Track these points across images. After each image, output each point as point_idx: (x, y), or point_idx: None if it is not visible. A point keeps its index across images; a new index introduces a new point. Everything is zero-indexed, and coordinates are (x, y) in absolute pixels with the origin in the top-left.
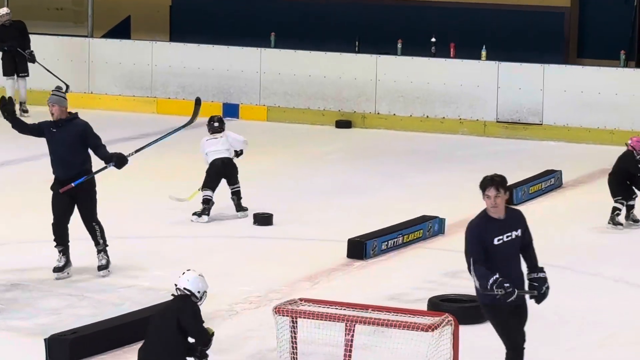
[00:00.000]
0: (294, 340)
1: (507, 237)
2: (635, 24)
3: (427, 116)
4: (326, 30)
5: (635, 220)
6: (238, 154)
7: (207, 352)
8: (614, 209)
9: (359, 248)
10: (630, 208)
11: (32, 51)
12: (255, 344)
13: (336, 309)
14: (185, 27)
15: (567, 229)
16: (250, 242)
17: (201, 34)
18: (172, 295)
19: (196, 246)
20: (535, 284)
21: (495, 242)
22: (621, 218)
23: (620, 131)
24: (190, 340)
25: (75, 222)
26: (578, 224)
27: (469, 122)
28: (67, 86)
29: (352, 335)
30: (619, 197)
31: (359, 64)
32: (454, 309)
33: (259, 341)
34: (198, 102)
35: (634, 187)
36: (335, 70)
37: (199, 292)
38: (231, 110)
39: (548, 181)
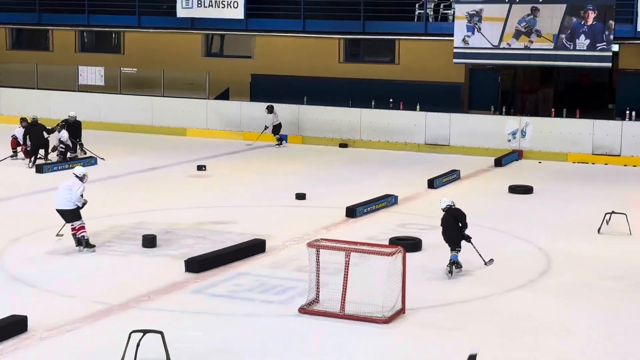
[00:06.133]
0: (317, 261)
1: None
2: (499, 87)
3: None
4: None
5: None
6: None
7: None
8: None
9: (353, 211)
10: None
11: None
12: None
13: (339, 244)
14: None
15: None
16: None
17: None
18: None
19: None
20: None
21: None
22: None
23: None
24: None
25: None
26: None
27: None
28: None
29: (349, 258)
30: None
31: None
32: (403, 244)
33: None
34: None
35: None
36: None
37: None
38: None
39: None
